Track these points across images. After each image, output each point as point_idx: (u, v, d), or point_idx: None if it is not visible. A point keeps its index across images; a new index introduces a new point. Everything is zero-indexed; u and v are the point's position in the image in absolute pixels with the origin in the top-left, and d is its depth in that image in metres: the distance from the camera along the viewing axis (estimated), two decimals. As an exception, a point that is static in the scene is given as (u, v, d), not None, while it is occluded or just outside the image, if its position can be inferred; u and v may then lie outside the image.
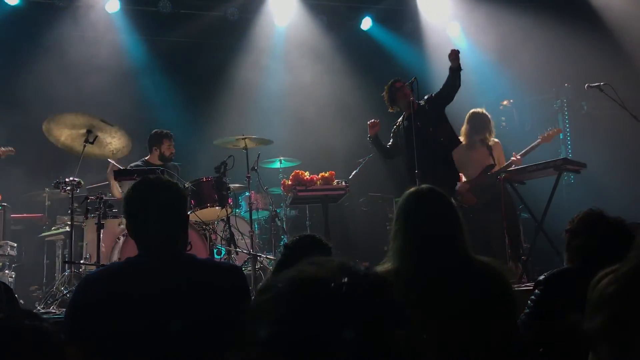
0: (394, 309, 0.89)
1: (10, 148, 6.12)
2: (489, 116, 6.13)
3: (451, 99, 5.68)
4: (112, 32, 7.92)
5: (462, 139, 5.98)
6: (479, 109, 6.15)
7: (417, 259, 2.15)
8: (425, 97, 5.77)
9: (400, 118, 5.92)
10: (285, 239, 6.71)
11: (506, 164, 5.88)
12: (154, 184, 2.18)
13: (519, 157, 5.88)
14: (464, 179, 6.05)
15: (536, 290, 2.60)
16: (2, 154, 6.04)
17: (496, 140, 6.12)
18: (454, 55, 5.51)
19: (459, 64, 5.52)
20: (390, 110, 5.90)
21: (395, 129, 5.96)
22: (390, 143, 5.98)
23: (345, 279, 0.87)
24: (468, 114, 6.13)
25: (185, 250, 2.21)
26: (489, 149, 5.96)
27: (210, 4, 8.36)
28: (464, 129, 6.08)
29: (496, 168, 5.87)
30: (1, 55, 7.37)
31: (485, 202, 5.76)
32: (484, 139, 5.99)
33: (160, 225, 2.11)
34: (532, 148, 5.98)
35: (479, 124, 6.03)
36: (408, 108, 5.60)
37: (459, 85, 5.60)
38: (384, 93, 5.80)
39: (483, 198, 5.77)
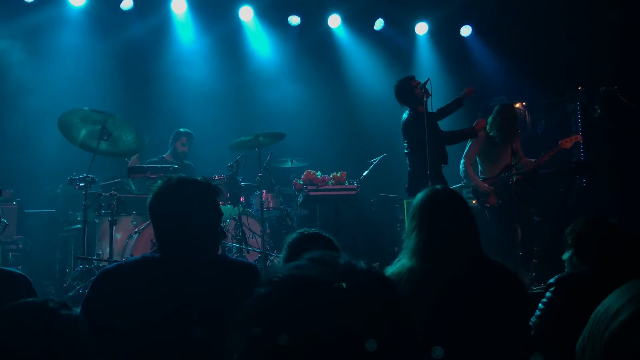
0: (397, 309, 0.87)
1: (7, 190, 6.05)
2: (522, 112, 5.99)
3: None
4: (128, 31, 7.94)
5: (488, 129, 5.90)
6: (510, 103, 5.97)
7: (431, 258, 2.15)
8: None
9: (407, 115, 5.62)
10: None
11: (535, 160, 5.81)
12: (186, 182, 2.19)
13: (547, 158, 5.80)
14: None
15: (547, 293, 2.60)
16: None
17: None
18: (469, 92, 5.58)
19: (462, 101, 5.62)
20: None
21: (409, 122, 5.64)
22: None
23: (347, 282, 0.84)
24: (501, 107, 5.99)
25: (217, 249, 2.22)
26: (511, 145, 5.88)
27: (226, 4, 8.36)
28: (493, 120, 5.92)
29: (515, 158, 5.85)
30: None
31: (504, 201, 5.69)
32: (511, 135, 5.87)
33: (187, 223, 2.13)
34: (554, 151, 5.91)
35: (512, 116, 5.90)
36: (420, 105, 5.41)
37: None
38: (397, 88, 5.61)
39: (502, 197, 5.71)
